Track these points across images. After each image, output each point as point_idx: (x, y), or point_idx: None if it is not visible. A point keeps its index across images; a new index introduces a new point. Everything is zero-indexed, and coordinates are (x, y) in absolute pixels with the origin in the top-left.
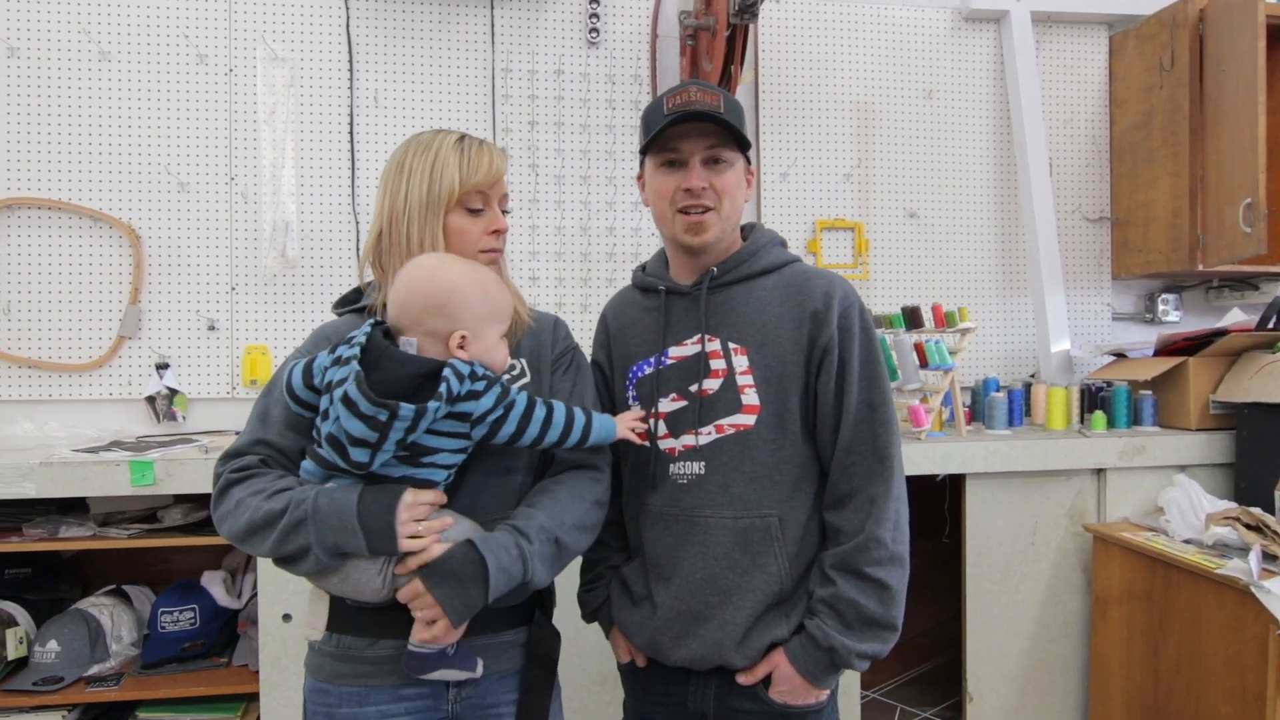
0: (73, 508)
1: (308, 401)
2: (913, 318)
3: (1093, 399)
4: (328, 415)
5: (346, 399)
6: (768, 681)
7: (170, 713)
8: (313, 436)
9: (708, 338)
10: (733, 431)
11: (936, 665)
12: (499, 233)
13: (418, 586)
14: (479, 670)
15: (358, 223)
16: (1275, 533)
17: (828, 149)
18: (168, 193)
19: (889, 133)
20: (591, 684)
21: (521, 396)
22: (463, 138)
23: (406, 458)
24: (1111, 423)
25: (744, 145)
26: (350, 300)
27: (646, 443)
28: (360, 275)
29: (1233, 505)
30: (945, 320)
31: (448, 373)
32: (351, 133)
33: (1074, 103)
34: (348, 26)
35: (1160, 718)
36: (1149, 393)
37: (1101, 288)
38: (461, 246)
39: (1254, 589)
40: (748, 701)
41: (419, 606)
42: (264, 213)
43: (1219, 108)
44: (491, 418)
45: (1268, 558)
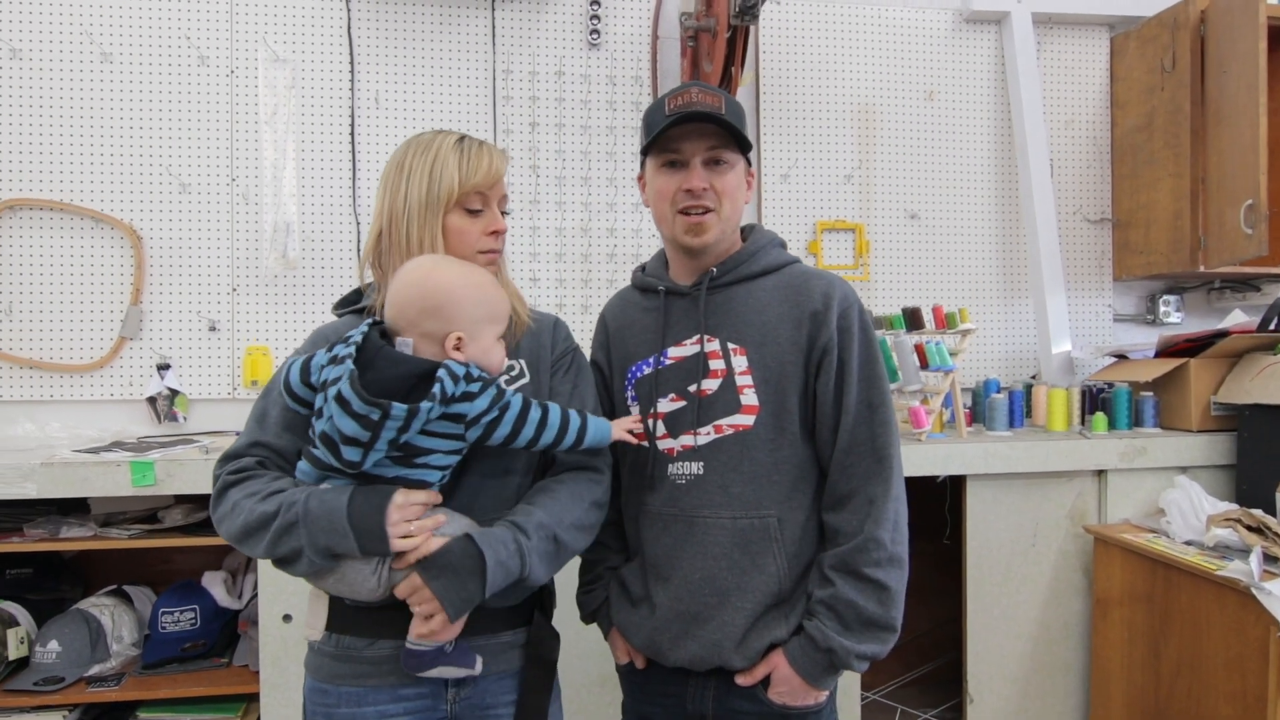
0: (74, 508)
1: (305, 399)
2: (913, 319)
3: (1094, 400)
4: (322, 414)
5: (340, 397)
6: (766, 682)
7: (171, 713)
8: (309, 437)
9: (707, 338)
10: (731, 432)
11: (937, 666)
12: (498, 233)
13: (415, 580)
14: (478, 667)
15: (359, 224)
16: (1276, 534)
17: (828, 150)
18: (169, 194)
19: (890, 134)
20: (592, 685)
21: (517, 398)
22: (462, 138)
23: (400, 458)
24: (1112, 424)
25: (745, 147)
26: (350, 301)
27: (645, 443)
28: (360, 276)
29: (1234, 507)
30: (946, 321)
31: (442, 373)
32: (352, 134)
33: (1075, 104)
34: (349, 28)
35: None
36: (1150, 394)
37: (1103, 289)
38: (460, 247)
39: (1255, 591)
40: (747, 702)
41: (417, 601)
42: (265, 214)
43: (1220, 109)
44: (486, 419)
45: (1269, 559)
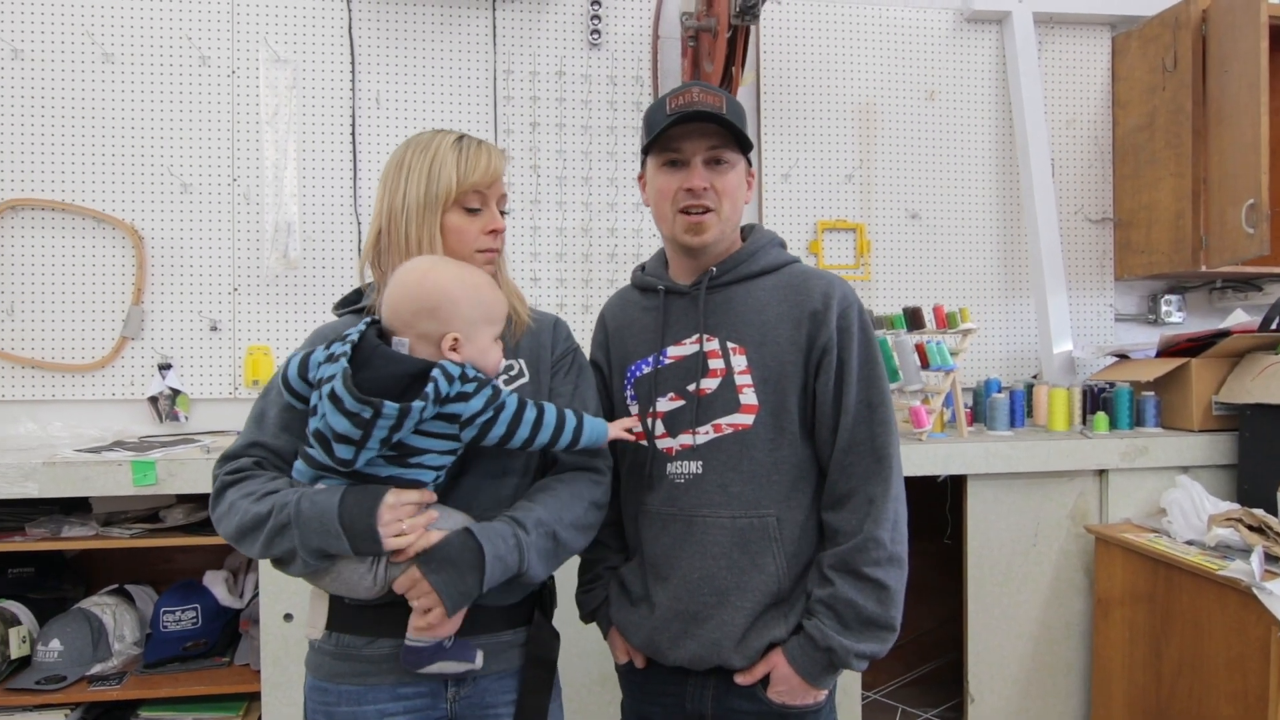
0: (76, 507)
1: (302, 394)
2: (914, 318)
3: (1095, 400)
4: (317, 411)
5: (333, 395)
6: (766, 682)
7: (172, 712)
8: (305, 437)
9: (706, 337)
10: (730, 431)
11: (938, 666)
12: (496, 232)
13: (414, 574)
14: (478, 661)
15: (360, 224)
16: (1277, 534)
17: (829, 150)
18: (170, 194)
19: (891, 134)
20: (592, 684)
21: (512, 398)
22: (461, 137)
23: (394, 458)
24: (1114, 424)
25: (746, 147)
26: (351, 301)
27: (643, 441)
28: (361, 275)
29: (1235, 506)
30: (947, 321)
31: (436, 373)
32: (353, 134)
33: (1076, 104)
34: (350, 28)
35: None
36: (1151, 394)
37: (1104, 289)
38: (459, 246)
39: (1256, 590)
40: (746, 702)
41: (415, 595)
42: (266, 214)
43: (1222, 108)
44: (481, 419)
45: (1270, 559)
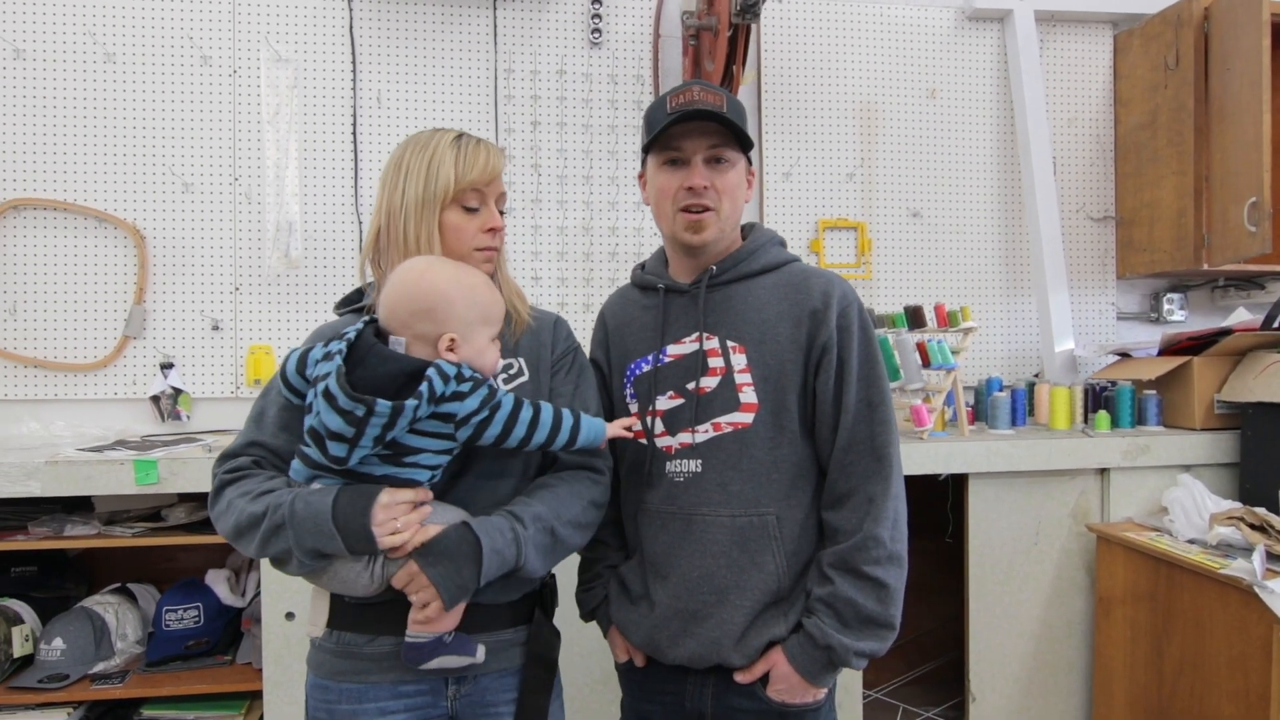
0: (78, 506)
1: (300, 390)
2: (915, 317)
3: (1096, 399)
4: (312, 409)
5: (327, 392)
6: (765, 680)
7: (174, 710)
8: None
9: (706, 336)
10: (730, 430)
11: (939, 665)
12: (495, 231)
13: (412, 567)
14: (479, 655)
15: (361, 223)
16: (1279, 532)
17: (830, 149)
18: (172, 193)
19: (892, 132)
20: (594, 684)
21: (508, 398)
22: (460, 136)
23: (389, 456)
24: (1115, 422)
25: (746, 145)
26: (352, 300)
27: (643, 440)
28: (361, 274)
29: (1237, 505)
30: (948, 320)
31: (431, 373)
32: (355, 133)
33: (1078, 102)
34: (351, 28)
35: (1164, 718)
36: (1153, 392)
37: (1106, 287)
38: (457, 244)
39: (1258, 589)
40: (745, 700)
41: (414, 589)
42: (268, 213)
43: (1224, 106)
44: (476, 419)
45: (1272, 558)
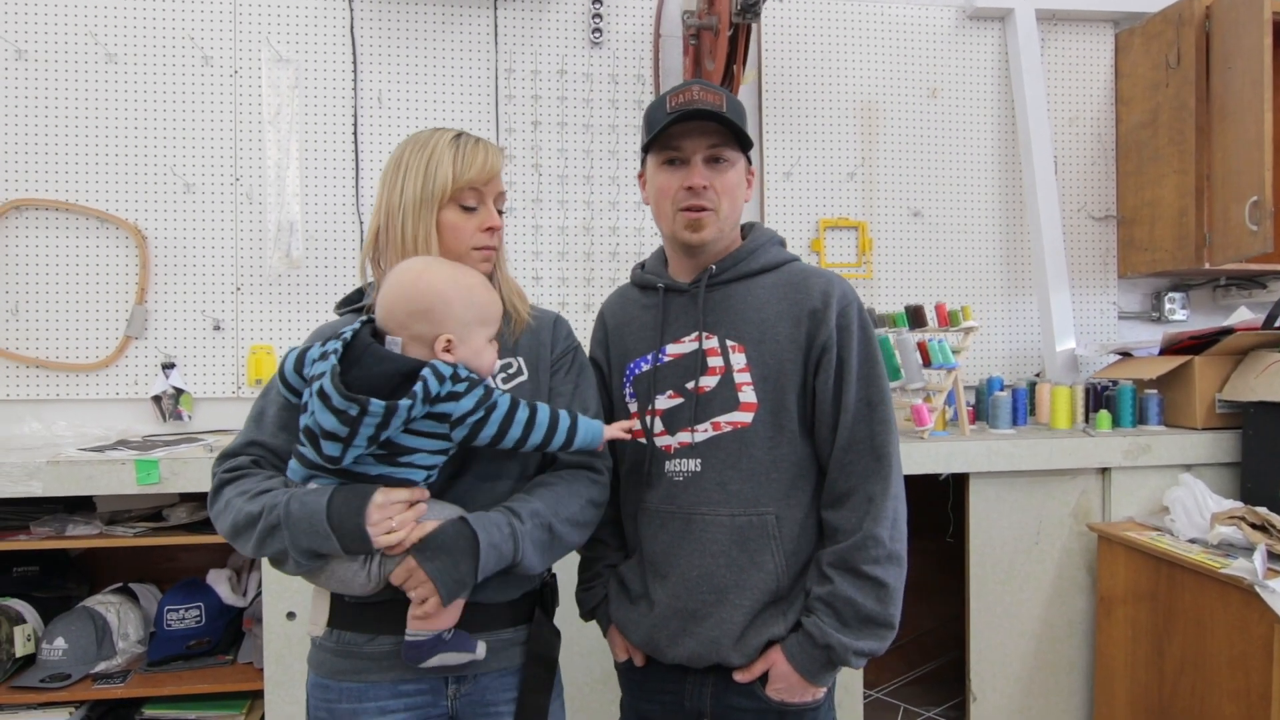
0: (80, 506)
1: (298, 389)
2: (916, 316)
3: (1098, 398)
4: (308, 408)
5: (321, 392)
6: (765, 679)
7: (176, 710)
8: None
9: (705, 335)
10: (729, 429)
11: (940, 665)
12: (493, 230)
13: (410, 563)
14: (480, 651)
15: (362, 223)
16: None
17: (831, 148)
18: (173, 194)
19: (893, 132)
20: (594, 683)
21: (504, 399)
22: (459, 135)
23: (384, 456)
24: (1116, 422)
25: (746, 145)
26: (352, 300)
27: (642, 439)
28: (362, 274)
29: (1238, 504)
30: (949, 319)
31: (426, 373)
32: (356, 133)
33: (1079, 101)
34: (351, 28)
35: (1165, 718)
36: (1154, 392)
37: (1107, 286)
38: (455, 243)
39: (1259, 589)
40: (745, 699)
41: (412, 585)
42: (269, 213)
43: (1225, 105)
44: (472, 419)
45: (1273, 557)
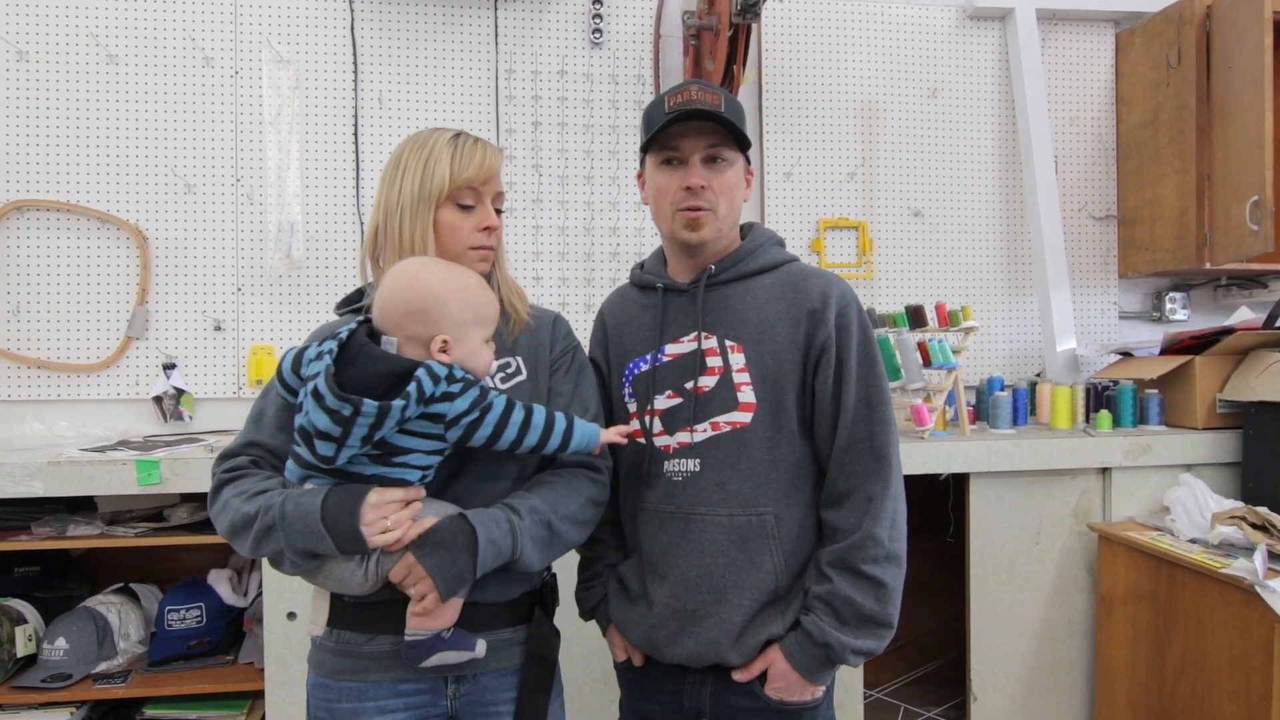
0: (81, 506)
1: (295, 389)
2: (916, 316)
3: (1098, 398)
4: (302, 408)
5: (315, 392)
6: (763, 678)
7: (177, 710)
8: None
9: (704, 335)
10: (728, 429)
11: (940, 665)
12: (490, 230)
13: (409, 559)
14: (479, 649)
15: (362, 224)
16: None
17: (831, 148)
18: (174, 194)
19: (893, 132)
20: (594, 683)
21: (500, 400)
22: (458, 135)
23: (379, 456)
24: (1117, 422)
25: (744, 145)
26: (353, 300)
27: (641, 439)
28: (362, 273)
29: (1239, 504)
30: (949, 319)
31: (421, 373)
32: (356, 134)
33: (1080, 100)
34: (352, 29)
35: (1165, 718)
36: (1155, 391)
37: (1108, 286)
38: (452, 242)
39: (1259, 589)
40: (744, 698)
41: (411, 581)
42: (269, 214)
43: (1226, 105)
44: (466, 420)
45: (1273, 557)
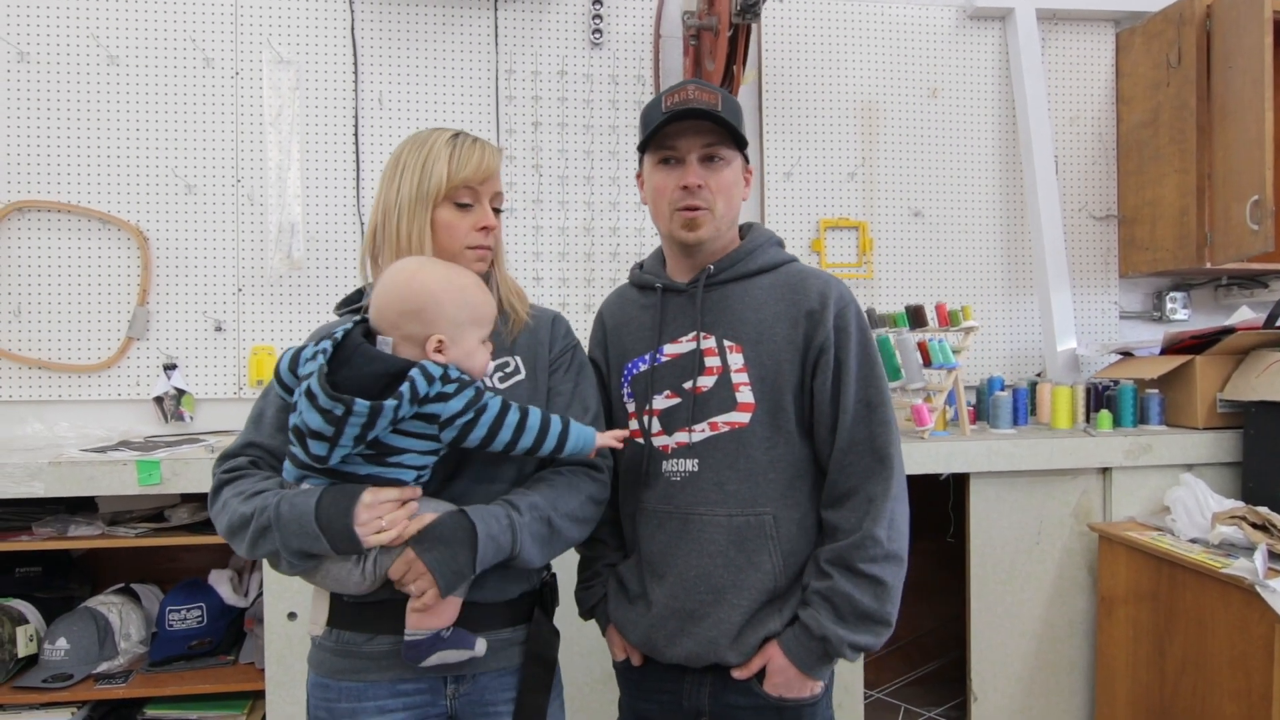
0: (82, 507)
1: (292, 388)
2: (917, 316)
3: (1099, 398)
4: (296, 407)
5: (309, 391)
6: (762, 676)
7: (177, 710)
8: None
9: (703, 335)
10: (727, 429)
11: (941, 665)
12: (488, 229)
13: (409, 555)
14: (479, 648)
15: (363, 224)
16: None
17: (831, 148)
18: (175, 195)
19: (893, 131)
20: (594, 683)
21: (495, 401)
22: (457, 134)
23: (373, 456)
24: (1117, 421)
25: (741, 144)
26: (352, 300)
27: (639, 439)
28: (363, 272)
29: (1239, 504)
30: (949, 319)
31: (414, 373)
32: (356, 135)
33: (1080, 100)
34: (352, 29)
35: (1166, 718)
36: (1155, 391)
37: (1108, 286)
38: (449, 242)
39: (1259, 589)
40: (742, 697)
41: (411, 577)
42: (270, 215)
43: (1226, 104)
44: (461, 421)
45: (1274, 557)
